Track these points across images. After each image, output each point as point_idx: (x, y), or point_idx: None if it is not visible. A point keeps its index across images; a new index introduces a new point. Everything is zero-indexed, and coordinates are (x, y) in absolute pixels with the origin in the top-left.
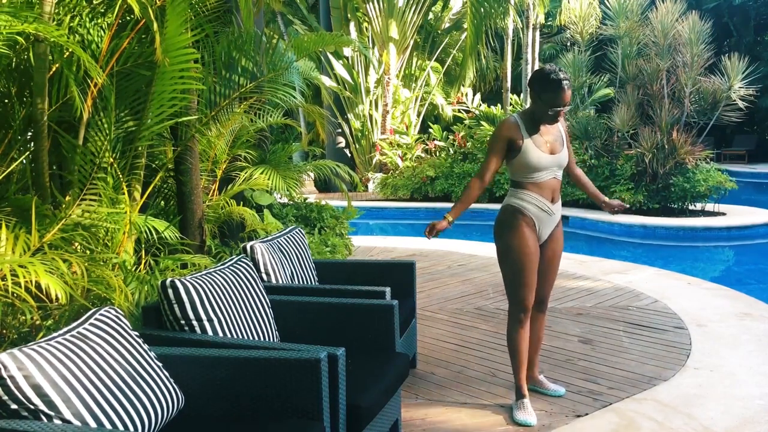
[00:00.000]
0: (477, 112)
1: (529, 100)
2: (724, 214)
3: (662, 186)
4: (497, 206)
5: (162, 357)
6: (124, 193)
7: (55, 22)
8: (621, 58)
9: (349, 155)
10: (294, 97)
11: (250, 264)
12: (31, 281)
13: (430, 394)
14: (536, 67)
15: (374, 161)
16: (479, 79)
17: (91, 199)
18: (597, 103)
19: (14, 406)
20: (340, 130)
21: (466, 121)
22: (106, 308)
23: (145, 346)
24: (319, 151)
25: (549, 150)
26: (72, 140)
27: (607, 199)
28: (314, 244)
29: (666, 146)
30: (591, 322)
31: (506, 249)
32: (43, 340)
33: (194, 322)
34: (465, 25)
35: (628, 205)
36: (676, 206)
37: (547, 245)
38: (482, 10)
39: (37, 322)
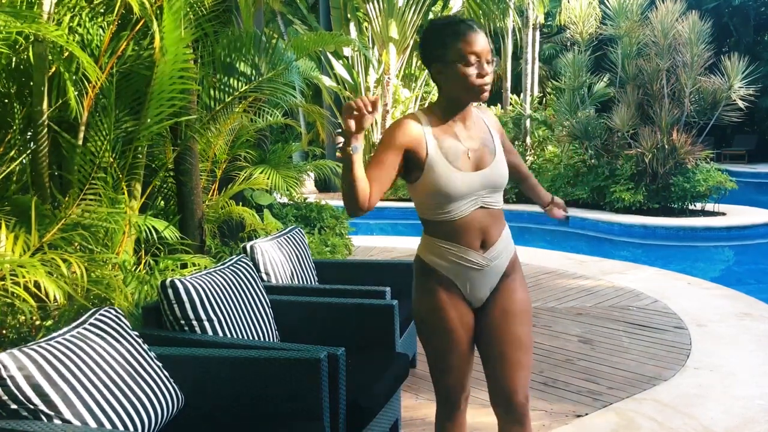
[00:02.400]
0: None
1: (528, 100)
2: (724, 214)
3: (662, 186)
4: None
5: (162, 357)
6: (123, 193)
7: (54, 22)
8: (621, 58)
9: None
10: (294, 97)
11: (250, 264)
12: (30, 281)
13: (430, 394)
14: (536, 68)
15: None
16: None
17: (90, 199)
18: (597, 103)
19: (14, 406)
20: (340, 130)
21: None
22: (106, 308)
23: (145, 346)
24: (319, 151)
25: (470, 164)
26: (72, 140)
27: (554, 200)
28: (314, 244)
29: (666, 146)
30: (591, 322)
31: (419, 321)
32: (43, 340)
33: (194, 322)
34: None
35: (566, 214)
36: (676, 206)
37: (491, 304)
38: (481, 10)
39: (37, 322)
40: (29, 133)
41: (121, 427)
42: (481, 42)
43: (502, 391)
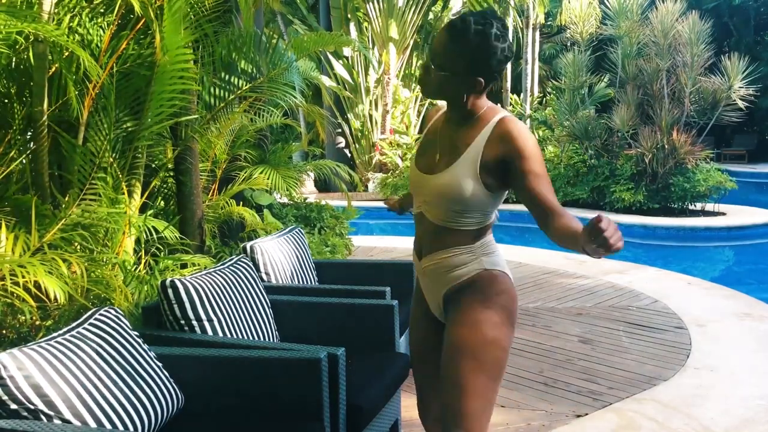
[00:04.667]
0: None
1: (528, 100)
2: (724, 214)
3: (662, 186)
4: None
5: (162, 357)
6: (123, 193)
7: (54, 22)
8: (621, 58)
9: (349, 155)
10: (294, 97)
11: (250, 264)
12: (30, 281)
13: None
14: (536, 68)
15: (374, 161)
16: None
17: (90, 199)
18: (597, 103)
19: (14, 406)
20: (340, 130)
21: None
22: (106, 308)
23: (145, 346)
24: (319, 151)
25: (431, 166)
26: (72, 140)
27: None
28: (314, 244)
29: (666, 146)
30: (591, 322)
31: None
32: (43, 340)
33: (194, 322)
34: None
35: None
36: (676, 206)
37: (444, 331)
38: (481, 9)
39: (37, 322)
40: (29, 133)
41: (121, 427)
42: (435, 40)
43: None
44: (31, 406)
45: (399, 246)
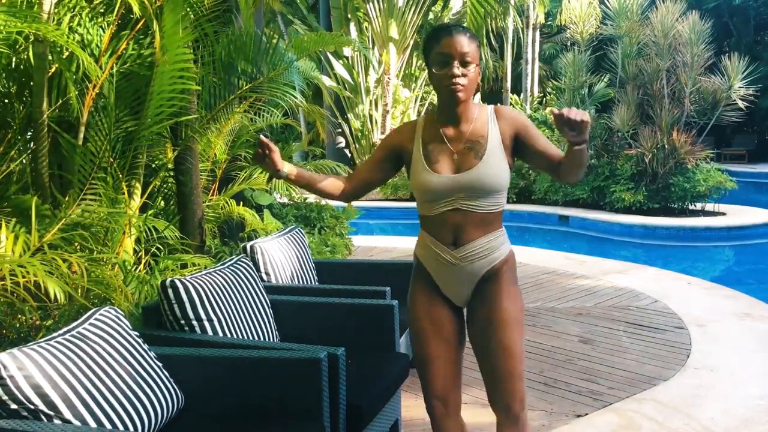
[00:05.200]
0: None
1: (528, 100)
2: (724, 214)
3: (662, 186)
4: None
5: (162, 357)
6: (123, 193)
7: (54, 22)
8: (621, 58)
9: (349, 155)
10: (294, 97)
11: (250, 264)
12: (30, 281)
13: None
14: (536, 68)
15: None
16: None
17: (90, 199)
18: (597, 103)
19: (14, 406)
20: (340, 130)
21: None
22: (106, 308)
23: (145, 346)
24: (319, 151)
25: (453, 166)
26: (72, 140)
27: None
28: (314, 244)
29: (666, 146)
30: (591, 322)
31: (408, 312)
32: (43, 340)
33: (194, 322)
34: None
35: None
36: (676, 206)
37: (475, 313)
38: (482, 10)
39: (37, 322)
40: (29, 133)
41: (121, 427)
42: (453, 44)
43: (498, 400)
44: (31, 406)
45: (399, 246)
